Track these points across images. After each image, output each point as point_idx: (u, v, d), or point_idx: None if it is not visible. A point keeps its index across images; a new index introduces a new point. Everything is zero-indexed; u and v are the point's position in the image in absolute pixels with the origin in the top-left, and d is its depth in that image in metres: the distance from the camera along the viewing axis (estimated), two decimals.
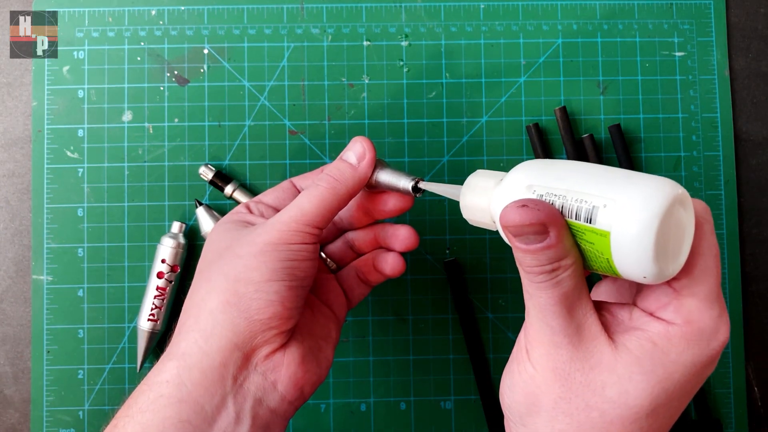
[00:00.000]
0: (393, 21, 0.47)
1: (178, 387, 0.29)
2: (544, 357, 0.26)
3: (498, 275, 0.46)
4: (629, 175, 0.25)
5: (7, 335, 0.45)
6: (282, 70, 0.46)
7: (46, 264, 0.45)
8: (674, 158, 0.46)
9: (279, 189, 0.37)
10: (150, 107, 0.46)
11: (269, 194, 0.37)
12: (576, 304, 0.25)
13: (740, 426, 0.45)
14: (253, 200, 0.36)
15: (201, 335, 0.30)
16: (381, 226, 0.38)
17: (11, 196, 0.46)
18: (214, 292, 0.30)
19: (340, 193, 0.32)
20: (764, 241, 0.47)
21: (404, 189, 0.34)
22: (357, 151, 0.34)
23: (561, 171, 0.26)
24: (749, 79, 0.47)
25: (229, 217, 0.35)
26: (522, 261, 0.25)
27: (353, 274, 0.38)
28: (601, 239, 0.24)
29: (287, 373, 0.31)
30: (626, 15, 0.47)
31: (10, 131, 0.46)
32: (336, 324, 0.36)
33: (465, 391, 0.45)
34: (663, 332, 0.25)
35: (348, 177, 0.33)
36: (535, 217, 0.24)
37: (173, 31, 0.46)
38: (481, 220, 0.30)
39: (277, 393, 0.31)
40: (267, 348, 0.31)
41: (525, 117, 0.46)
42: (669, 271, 0.24)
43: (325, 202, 0.32)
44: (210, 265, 0.32)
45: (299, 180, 0.37)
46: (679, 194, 0.24)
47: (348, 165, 0.33)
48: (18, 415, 0.45)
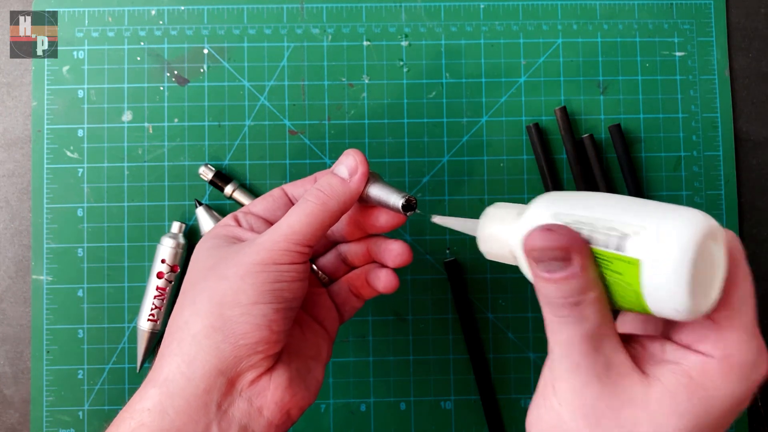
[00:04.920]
0: (393, 21, 0.47)
1: (160, 415, 0.28)
2: (571, 394, 0.24)
3: (498, 275, 0.46)
4: (660, 206, 0.24)
5: (7, 335, 0.45)
6: (282, 70, 0.46)
7: (45, 264, 0.45)
8: (674, 158, 0.46)
9: (269, 198, 0.35)
10: (150, 107, 0.46)
11: (259, 204, 0.35)
12: (603, 340, 0.24)
13: (740, 426, 0.45)
14: (242, 211, 0.35)
15: (184, 360, 0.29)
16: (374, 240, 0.36)
17: (11, 196, 0.46)
18: (198, 316, 0.29)
19: (331, 209, 0.31)
20: (764, 241, 0.47)
21: (394, 207, 0.32)
22: (349, 165, 0.32)
23: (588, 200, 0.26)
24: (749, 79, 0.47)
25: (215, 231, 0.33)
26: (545, 293, 0.24)
27: (345, 288, 0.36)
28: (630, 268, 0.23)
29: (273, 398, 0.30)
30: (626, 15, 0.47)
31: (10, 131, 0.46)
32: (327, 341, 0.34)
33: (465, 391, 0.45)
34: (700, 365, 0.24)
35: (339, 192, 0.31)
36: (560, 242, 0.23)
37: (173, 31, 0.46)
38: (500, 252, 0.29)
39: (263, 418, 0.29)
40: (252, 373, 0.29)
41: (525, 117, 0.46)
42: (702, 307, 0.23)
43: (315, 218, 0.30)
44: (194, 285, 0.30)
45: (291, 188, 0.36)
46: (712, 226, 0.23)
47: (339, 180, 0.32)
48: (18, 415, 0.45)
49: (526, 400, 0.45)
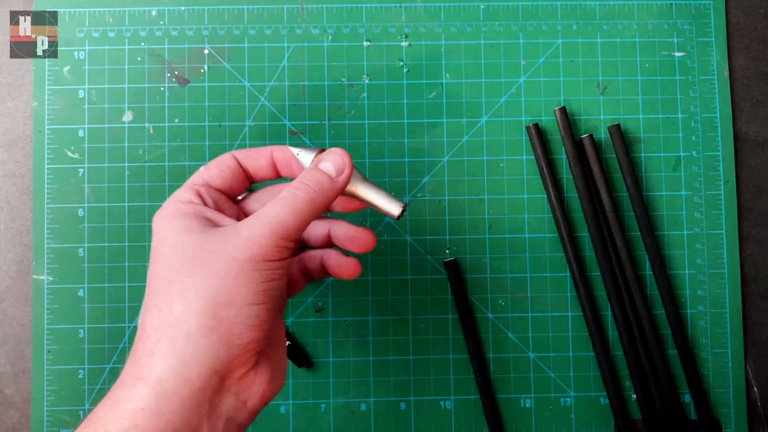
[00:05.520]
0: (393, 21, 0.47)
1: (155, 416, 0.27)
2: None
3: (498, 275, 0.46)
4: None
5: (8, 335, 0.45)
6: (282, 71, 0.46)
7: (46, 264, 0.45)
8: (674, 158, 0.46)
9: (225, 168, 0.34)
10: (150, 107, 0.46)
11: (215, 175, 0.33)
12: None
13: (739, 426, 0.45)
14: (200, 184, 0.33)
15: (180, 361, 0.28)
16: (337, 224, 0.36)
17: (12, 197, 0.46)
18: (191, 314, 0.28)
19: (317, 205, 0.31)
20: (764, 241, 0.47)
21: (388, 213, 0.33)
22: (336, 163, 0.32)
23: None
24: (749, 79, 0.48)
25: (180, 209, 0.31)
26: None
27: (297, 269, 0.36)
28: None
29: (258, 391, 0.30)
30: (626, 15, 0.47)
31: (11, 131, 0.46)
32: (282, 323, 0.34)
33: (465, 391, 0.45)
34: None
35: (327, 189, 0.31)
36: None
37: (174, 31, 0.46)
38: None
39: (246, 410, 0.30)
40: (241, 370, 0.30)
41: (525, 117, 0.46)
42: None
43: (302, 214, 0.30)
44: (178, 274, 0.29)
45: (244, 158, 0.34)
46: None
47: (327, 177, 0.32)
48: (18, 414, 0.45)
49: (526, 399, 0.45)
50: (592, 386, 0.45)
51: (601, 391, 0.45)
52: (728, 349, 0.46)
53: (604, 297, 0.45)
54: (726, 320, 0.46)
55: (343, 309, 0.46)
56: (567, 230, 0.45)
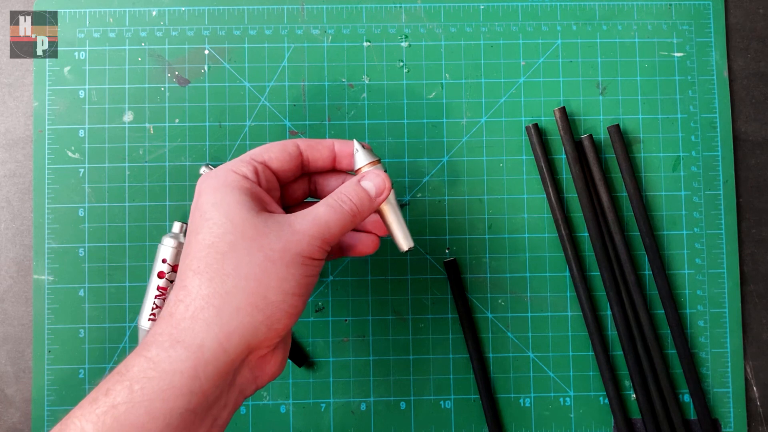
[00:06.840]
0: (393, 22, 0.47)
1: (191, 380, 0.29)
2: None
3: (498, 275, 0.46)
4: None
5: (9, 335, 0.45)
6: (282, 71, 0.46)
7: (47, 264, 0.45)
8: (673, 158, 0.47)
9: (285, 152, 0.35)
10: (151, 108, 0.46)
11: (274, 157, 0.35)
12: None
13: (739, 425, 0.45)
14: (259, 161, 0.34)
15: (222, 331, 0.30)
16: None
17: (12, 197, 0.46)
18: (242, 291, 0.30)
19: (355, 221, 0.34)
20: (763, 240, 0.47)
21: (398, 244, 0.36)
22: (377, 185, 0.35)
23: None
24: (748, 79, 0.48)
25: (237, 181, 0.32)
26: None
27: None
28: None
29: (269, 371, 0.33)
30: (625, 16, 0.47)
31: (12, 131, 0.46)
32: None
33: (465, 390, 0.45)
34: None
35: (365, 208, 0.34)
36: None
37: (174, 31, 0.46)
38: None
39: (254, 385, 0.33)
40: (265, 350, 0.32)
41: (524, 117, 0.46)
42: None
43: (344, 225, 0.33)
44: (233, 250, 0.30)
45: (307, 148, 0.36)
46: None
47: (368, 197, 0.34)
48: (19, 414, 0.45)
49: (526, 399, 0.45)
50: (591, 386, 0.45)
51: (601, 391, 0.45)
52: (727, 348, 0.46)
53: (604, 297, 0.46)
54: (725, 320, 0.46)
55: (343, 309, 0.46)
56: (566, 230, 0.45)
